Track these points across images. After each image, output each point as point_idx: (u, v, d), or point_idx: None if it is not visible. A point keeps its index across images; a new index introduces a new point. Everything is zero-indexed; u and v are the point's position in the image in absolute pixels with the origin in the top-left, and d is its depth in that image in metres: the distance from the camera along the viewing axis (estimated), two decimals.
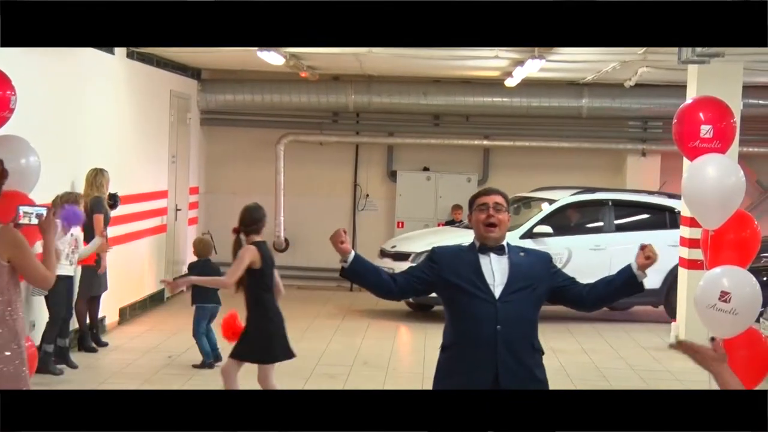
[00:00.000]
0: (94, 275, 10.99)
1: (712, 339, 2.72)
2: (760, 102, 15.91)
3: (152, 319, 13.50)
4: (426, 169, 17.34)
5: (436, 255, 5.32)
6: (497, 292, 5.11)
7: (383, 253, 14.40)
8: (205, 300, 10.55)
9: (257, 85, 16.51)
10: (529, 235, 13.83)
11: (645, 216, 14.73)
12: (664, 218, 14.56)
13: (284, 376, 10.28)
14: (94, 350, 11.16)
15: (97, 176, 11.14)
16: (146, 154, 13.91)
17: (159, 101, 14.59)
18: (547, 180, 16.45)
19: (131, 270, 13.04)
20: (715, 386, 7.48)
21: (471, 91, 16.58)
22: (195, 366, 10.55)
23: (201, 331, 10.66)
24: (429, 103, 16.70)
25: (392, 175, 17.46)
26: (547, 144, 17.01)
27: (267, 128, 17.14)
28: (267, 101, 16.60)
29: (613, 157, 17.35)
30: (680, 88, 12.86)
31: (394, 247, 14.45)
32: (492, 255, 5.20)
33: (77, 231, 9.95)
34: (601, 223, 14.57)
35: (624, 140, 17.19)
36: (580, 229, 14.55)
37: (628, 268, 5.11)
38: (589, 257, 13.79)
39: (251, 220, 7.98)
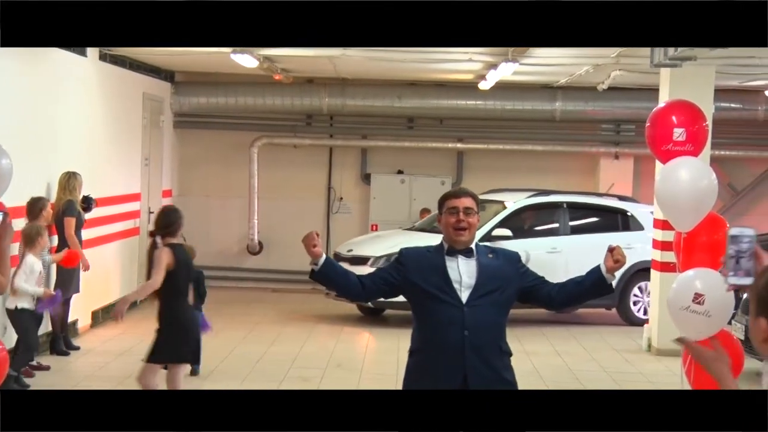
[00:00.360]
0: (71, 276, 10.93)
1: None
2: (732, 105, 16.02)
3: (125, 322, 13.39)
4: (400, 171, 17.35)
5: (403, 257, 5.28)
6: (464, 296, 5.08)
7: (338, 257, 13.88)
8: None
9: (231, 88, 16.47)
10: (488, 238, 13.56)
11: (598, 218, 14.70)
12: (616, 220, 14.59)
13: (257, 379, 10.27)
14: (65, 353, 11.10)
15: (69, 180, 11.10)
16: (119, 156, 13.85)
17: (132, 103, 14.53)
18: (520, 183, 16.52)
19: (104, 273, 12.97)
20: (687, 388, 7.50)
21: (445, 94, 16.61)
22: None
23: None
24: (403, 106, 16.71)
25: (366, 178, 17.46)
26: (520, 147, 17.06)
27: (241, 131, 17.10)
28: (240, 104, 16.57)
29: (586, 160, 17.42)
30: (653, 91, 12.93)
31: (350, 251, 14.20)
32: (460, 258, 5.16)
33: (39, 266, 9.73)
34: (556, 226, 14.47)
35: (597, 143, 17.26)
36: (536, 232, 14.49)
37: (597, 269, 5.09)
38: (546, 260, 13.42)
39: (166, 223, 7.99)
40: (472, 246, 5.21)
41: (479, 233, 13.55)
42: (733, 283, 2.86)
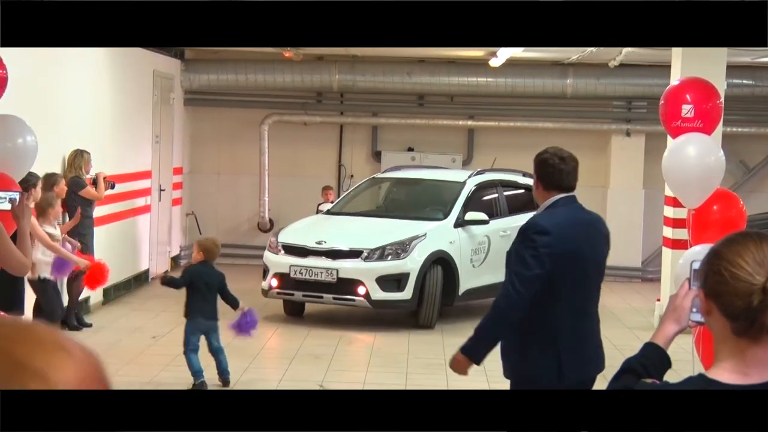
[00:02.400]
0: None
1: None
2: (744, 82, 15.94)
3: (136, 299, 13.48)
4: (410, 149, 17.31)
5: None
6: None
7: (304, 251, 11.95)
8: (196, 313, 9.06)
9: (241, 65, 16.45)
10: (461, 223, 12.39)
11: (519, 197, 13.39)
12: (531, 198, 13.62)
13: (268, 357, 10.30)
14: (77, 329, 11.16)
15: (76, 158, 11.23)
16: (129, 134, 13.86)
17: (142, 81, 14.52)
18: (532, 161, 16.49)
19: (115, 250, 12.99)
20: (699, 367, 7.50)
21: (455, 71, 16.56)
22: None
23: (190, 347, 9.02)
24: (413, 83, 16.67)
25: (377, 156, 17.43)
26: (531, 124, 16.99)
27: (251, 108, 17.08)
28: (251, 81, 16.55)
29: (597, 138, 17.35)
30: (664, 68, 12.87)
31: (322, 242, 11.99)
32: None
33: (56, 233, 9.81)
34: (496, 207, 13.10)
35: (608, 120, 17.19)
36: (490, 214, 12.88)
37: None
38: (500, 245, 11.94)
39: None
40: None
41: (452, 217, 12.47)
42: (695, 320, 2.74)
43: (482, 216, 12.51)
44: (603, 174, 17.08)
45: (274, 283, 12.03)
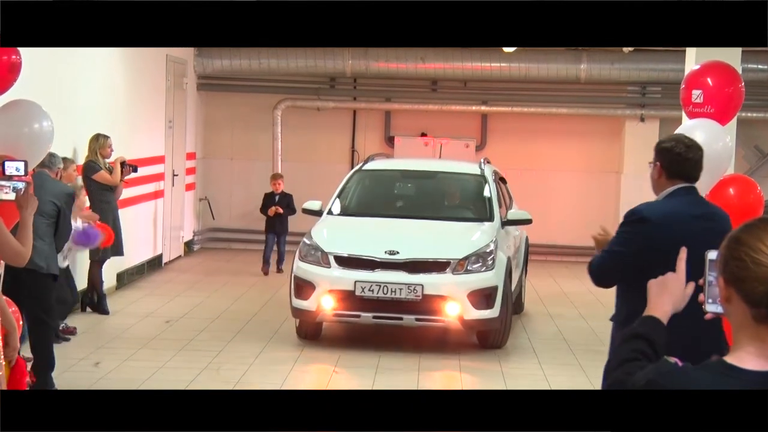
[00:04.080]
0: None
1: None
2: (759, 67, 15.84)
3: (150, 284, 13.51)
4: (424, 134, 17.27)
5: None
6: None
7: (367, 264, 9.86)
8: None
9: (254, 51, 16.41)
10: (504, 223, 10.91)
11: (501, 190, 11.95)
12: (505, 191, 12.42)
13: (280, 342, 10.29)
14: (107, 312, 11.22)
15: (91, 142, 11.21)
16: (142, 119, 13.86)
17: (155, 66, 14.51)
18: (545, 146, 16.45)
19: (129, 235, 12.99)
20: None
21: (469, 56, 16.48)
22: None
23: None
24: (427, 69, 16.62)
25: (390, 141, 17.40)
26: (545, 109, 16.93)
27: (264, 93, 17.05)
28: (264, 67, 16.52)
29: (611, 123, 17.28)
30: (679, 53, 12.77)
31: (395, 252, 9.87)
32: None
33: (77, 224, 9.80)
34: (505, 201, 11.77)
35: (622, 105, 17.12)
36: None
37: None
38: (518, 246, 11.51)
39: None
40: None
41: (497, 218, 10.85)
42: (712, 311, 2.69)
43: (525, 215, 11.02)
44: (616, 159, 17.02)
45: (329, 303, 9.87)
